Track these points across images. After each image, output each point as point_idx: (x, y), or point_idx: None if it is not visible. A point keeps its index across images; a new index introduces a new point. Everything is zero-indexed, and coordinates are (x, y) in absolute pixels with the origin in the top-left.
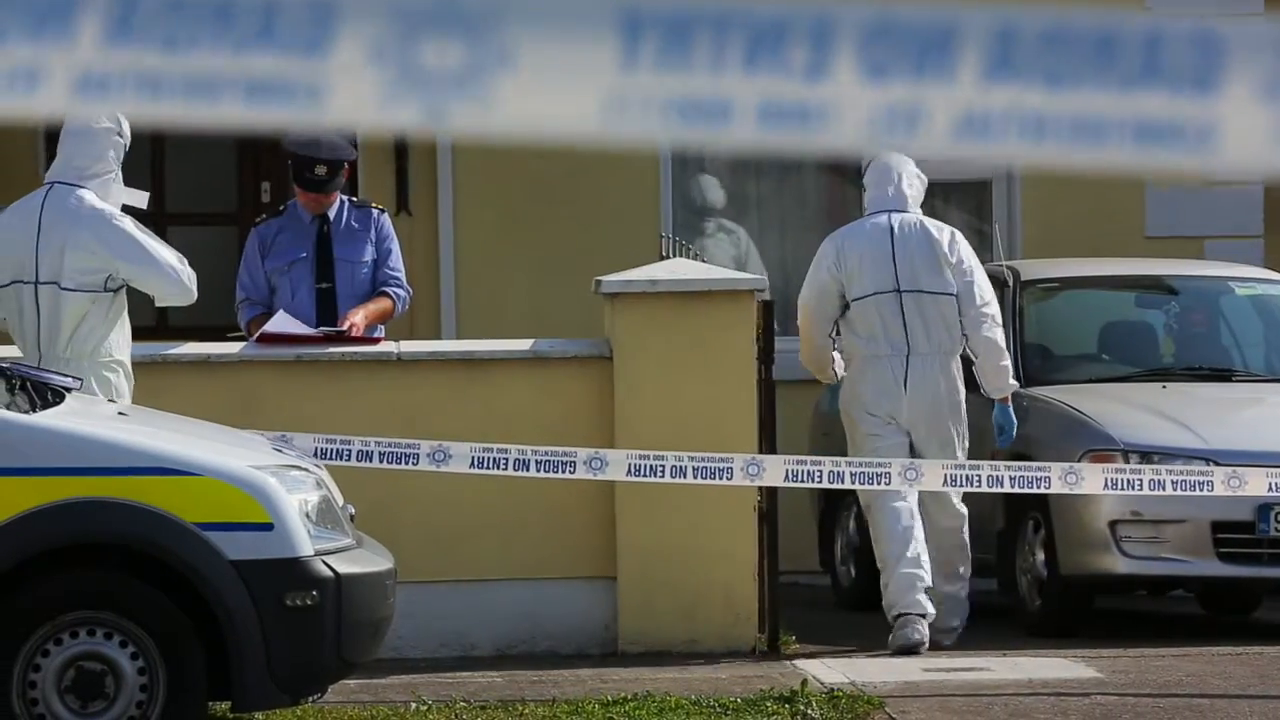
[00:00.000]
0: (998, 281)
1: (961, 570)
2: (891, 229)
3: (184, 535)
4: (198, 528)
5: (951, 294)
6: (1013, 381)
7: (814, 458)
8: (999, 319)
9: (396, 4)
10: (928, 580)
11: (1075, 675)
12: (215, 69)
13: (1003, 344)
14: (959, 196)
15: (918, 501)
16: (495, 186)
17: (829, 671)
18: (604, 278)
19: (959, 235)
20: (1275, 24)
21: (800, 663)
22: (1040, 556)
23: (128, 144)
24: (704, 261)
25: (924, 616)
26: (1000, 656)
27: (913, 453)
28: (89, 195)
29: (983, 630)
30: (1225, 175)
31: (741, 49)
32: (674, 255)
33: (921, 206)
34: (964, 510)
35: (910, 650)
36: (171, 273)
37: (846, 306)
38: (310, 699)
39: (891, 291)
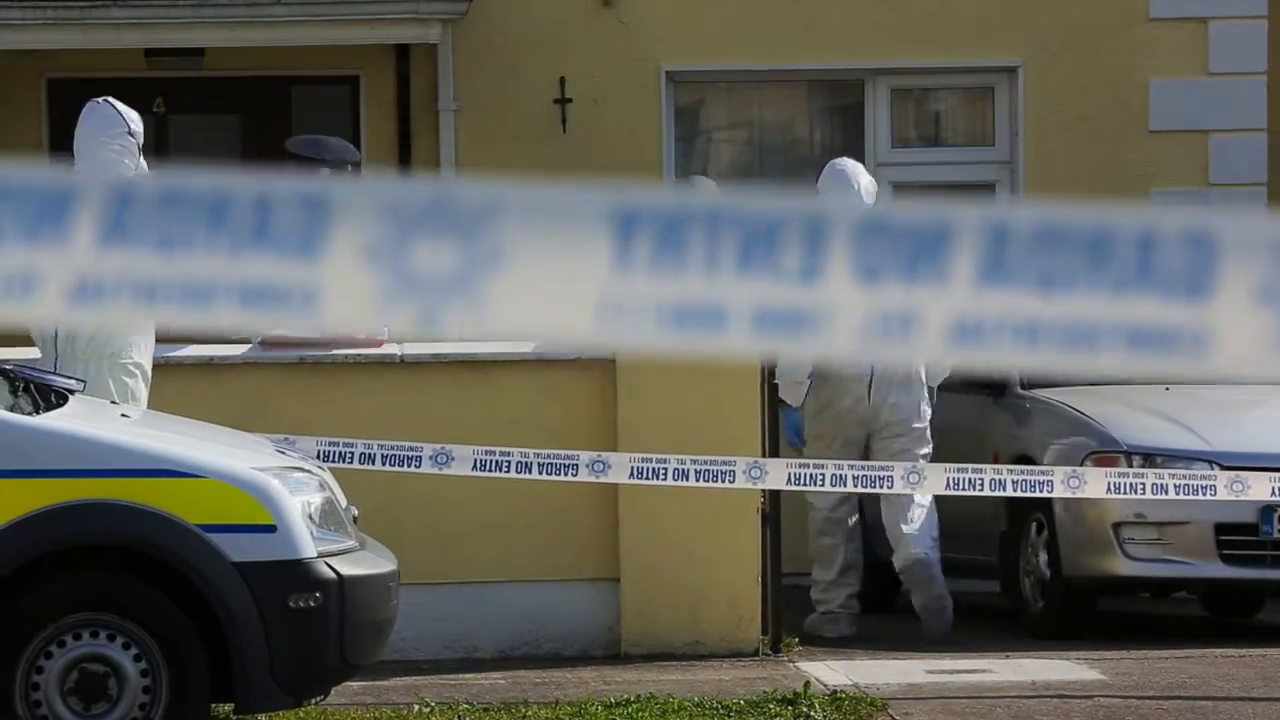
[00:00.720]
0: None
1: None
2: None
3: (187, 537)
4: (200, 529)
5: None
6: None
7: (816, 461)
8: None
9: (390, 204)
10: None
11: (1078, 677)
12: (210, 272)
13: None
14: (963, 199)
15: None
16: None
17: (832, 673)
18: None
19: None
20: (1272, 222)
21: (803, 664)
22: (1043, 558)
23: (139, 138)
24: None
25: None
26: (1003, 658)
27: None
28: None
29: (986, 632)
30: (1221, 380)
31: (735, 249)
32: None
33: None
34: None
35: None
36: None
37: None
38: (313, 701)
39: None
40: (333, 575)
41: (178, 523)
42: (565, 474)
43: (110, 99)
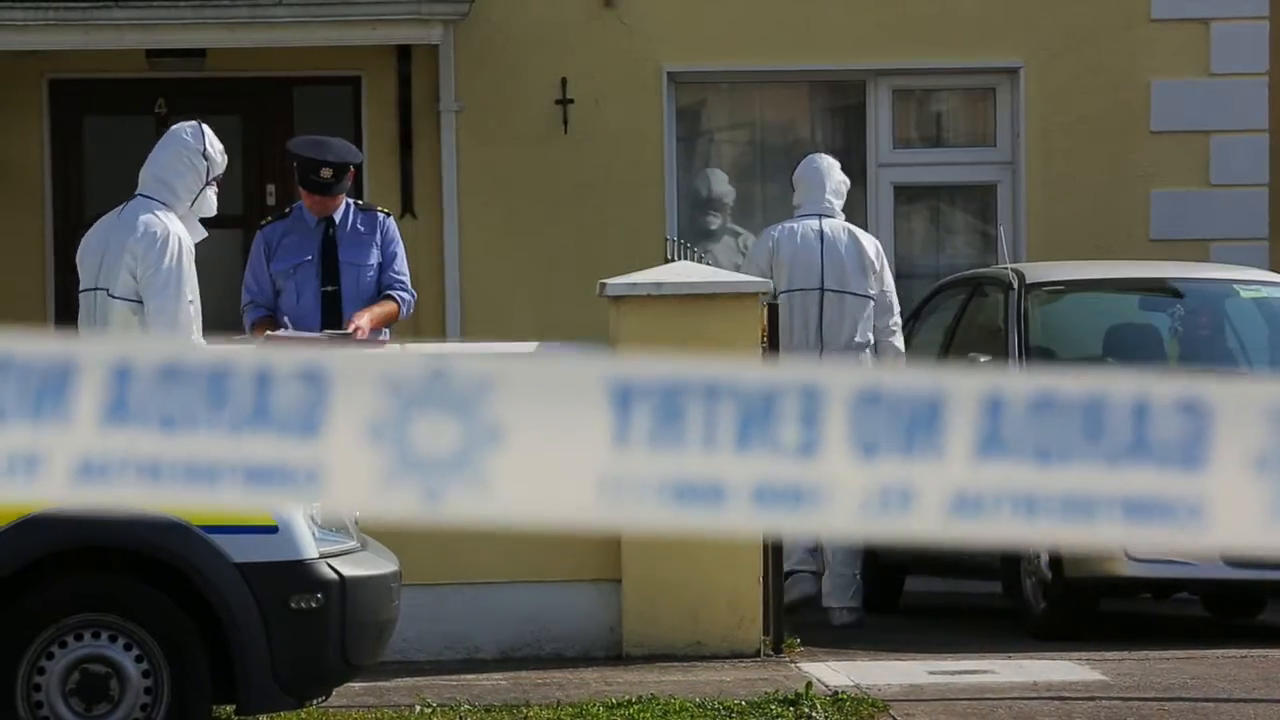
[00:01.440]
0: (1003, 284)
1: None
2: (822, 233)
3: (188, 538)
4: (202, 530)
5: (870, 297)
6: None
7: None
8: (901, 327)
9: (390, 382)
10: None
11: (1080, 678)
12: (214, 452)
13: (903, 350)
14: (964, 199)
15: None
16: (500, 189)
17: (833, 674)
18: (608, 280)
19: (881, 247)
20: (1266, 389)
21: (805, 665)
22: (1045, 559)
23: (214, 164)
24: (709, 264)
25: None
26: (1005, 659)
27: None
28: (159, 213)
29: (987, 633)
30: (1214, 554)
31: (733, 423)
32: (679, 258)
33: (928, 210)
34: None
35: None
36: (169, 322)
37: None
38: (314, 702)
39: (815, 289)
40: (334, 576)
41: (179, 523)
42: None
43: (206, 126)
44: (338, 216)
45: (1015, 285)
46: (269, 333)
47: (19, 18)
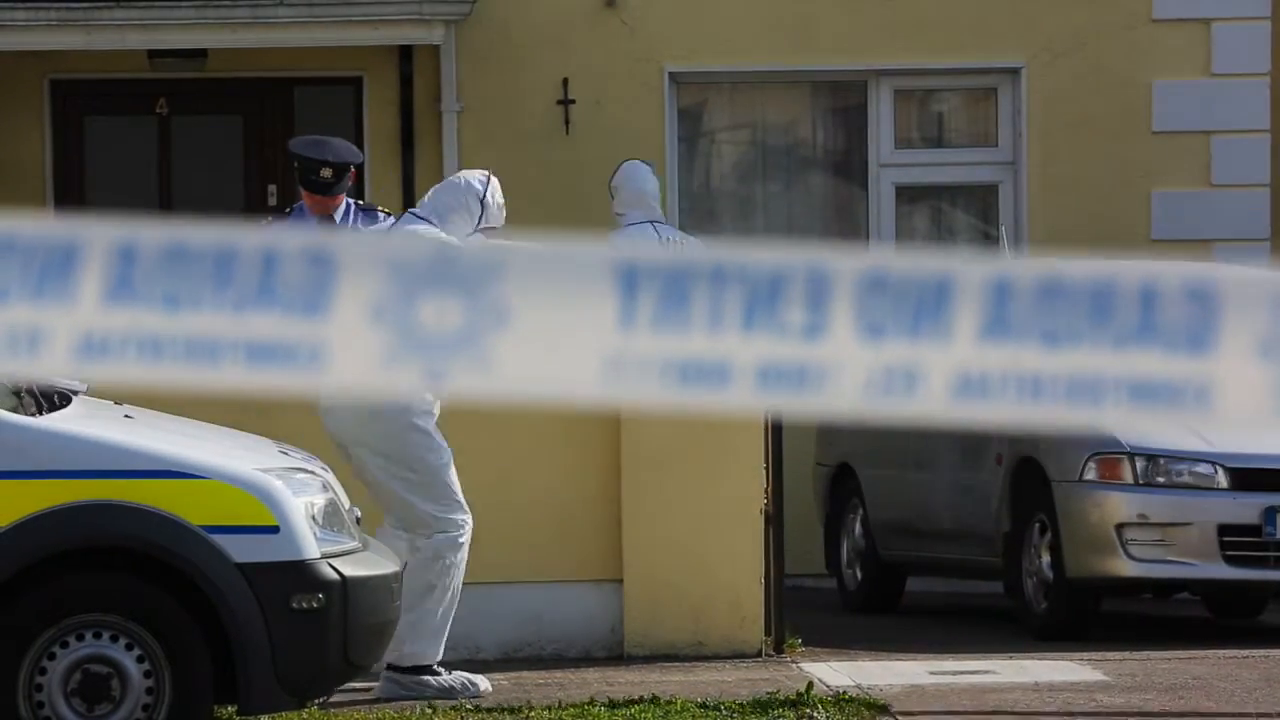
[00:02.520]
0: None
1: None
2: (660, 239)
3: (189, 538)
4: (203, 530)
5: None
6: None
7: None
8: None
9: (395, 262)
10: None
11: (1081, 678)
12: (216, 330)
13: None
14: (965, 200)
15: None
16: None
17: (835, 675)
18: None
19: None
20: (1272, 276)
21: (806, 666)
22: (1046, 559)
23: (490, 214)
24: None
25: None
26: (1006, 659)
27: None
28: (421, 229)
29: (988, 633)
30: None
31: (739, 305)
32: None
33: (930, 210)
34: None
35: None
36: None
37: None
38: (316, 702)
39: None
40: (335, 576)
41: (180, 524)
42: None
43: (487, 178)
44: (338, 216)
45: None
46: None
47: (21, 18)
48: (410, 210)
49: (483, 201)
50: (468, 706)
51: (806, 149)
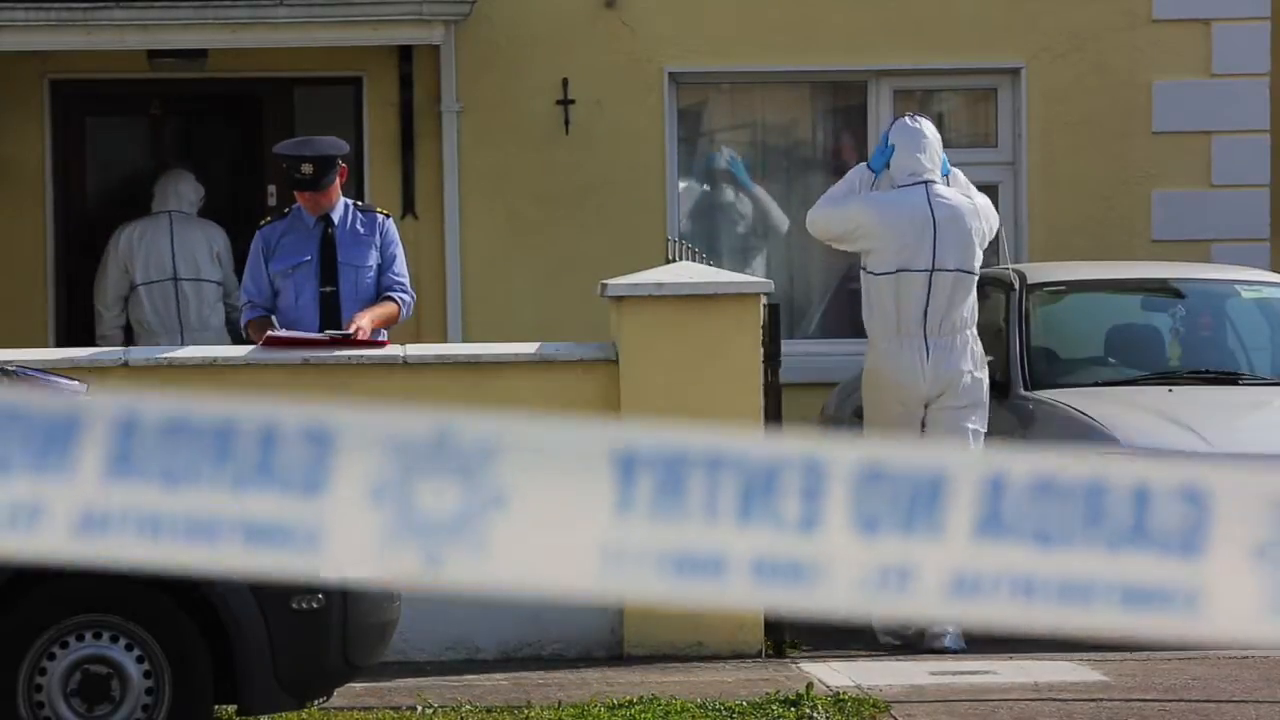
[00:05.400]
0: (1004, 285)
1: None
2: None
3: None
4: None
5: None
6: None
7: None
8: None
9: (394, 441)
10: None
11: (1081, 679)
12: (215, 508)
13: None
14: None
15: None
16: (501, 190)
17: (835, 675)
18: (609, 281)
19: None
20: (1265, 477)
21: (806, 666)
22: None
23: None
24: (710, 264)
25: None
26: (1006, 660)
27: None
28: None
29: (988, 633)
30: (1213, 644)
31: (735, 494)
32: (680, 258)
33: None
34: None
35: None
36: None
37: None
38: (316, 703)
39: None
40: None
41: None
42: None
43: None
44: (336, 217)
45: (1016, 286)
46: (270, 332)
47: (20, 18)
48: None
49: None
50: (467, 707)
51: (806, 149)
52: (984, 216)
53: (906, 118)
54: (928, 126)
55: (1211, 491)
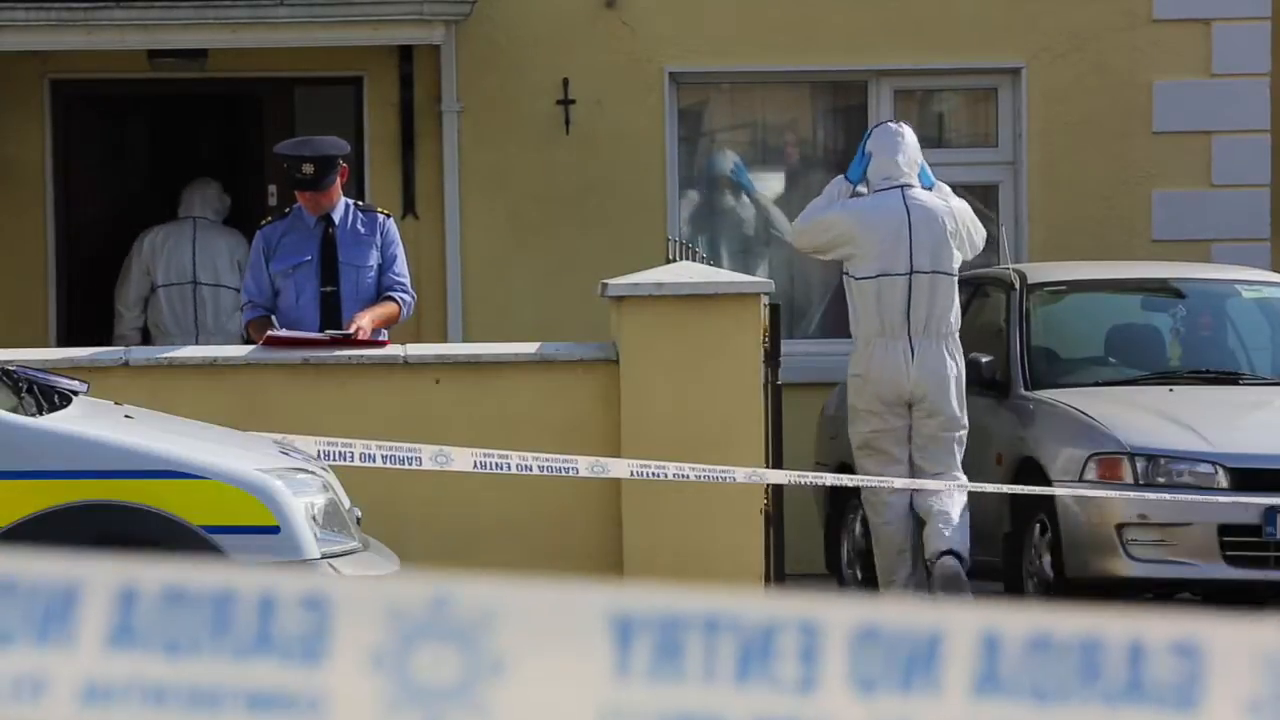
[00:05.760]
0: (1004, 284)
1: None
2: (907, 207)
3: (190, 538)
4: (204, 530)
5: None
6: None
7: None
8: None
9: (392, 608)
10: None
11: None
12: (217, 677)
13: None
14: (966, 199)
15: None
16: (501, 190)
17: None
18: (610, 281)
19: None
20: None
21: None
22: (1046, 559)
23: None
24: (710, 264)
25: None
26: None
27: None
28: None
29: None
30: None
31: (732, 656)
32: (680, 258)
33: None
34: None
35: (956, 583)
36: None
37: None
38: None
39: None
40: (336, 576)
41: (180, 524)
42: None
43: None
44: (337, 217)
45: (1017, 285)
46: (270, 332)
47: (20, 18)
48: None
49: None
50: None
51: (806, 149)
52: (960, 219)
53: (889, 123)
54: (908, 132)
55: (1206, 646)
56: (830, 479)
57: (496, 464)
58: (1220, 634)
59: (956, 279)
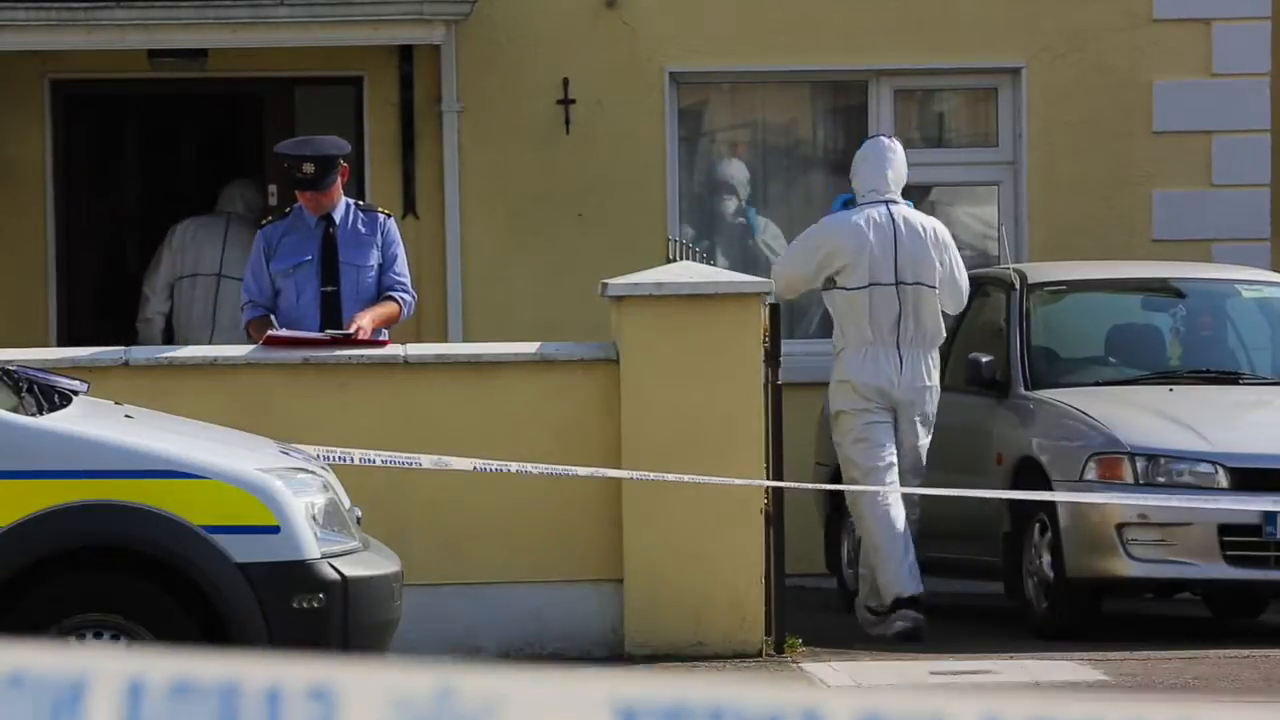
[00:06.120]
0: (1004, 284)
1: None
2: (894, 221)
3: (190, 538)
4: (204, 530)
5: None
6: None
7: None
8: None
9: (397, 699)
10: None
11: (1082, 678)
12: None
13: None
14: (966, 200)
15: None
16: (502, 190)
17: (835, 675)
18: (610, 280)
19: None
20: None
21: (807, 666)
22: (1047, 559)
23: None
24: (711, 264)
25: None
26: (1007, 659)
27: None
28: None
29: (989, 633)
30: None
31: None
32: (680, 258)
33: (930, 210)
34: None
35: (914, 635)
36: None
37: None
38: None
39: (891, 284)
40: (336, 576)
41: (180, 524)
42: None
43: None
44: (338, 216)
45: (1017, 285)
46: (271, 332)
47: (21, 18)
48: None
49: None
50: None
51: (806, 149)
52: (941, 238)
53: (881, 137)
54: (899, 148)
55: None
56: (814, 487)
57: (497, 469)
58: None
59: (938, 292)
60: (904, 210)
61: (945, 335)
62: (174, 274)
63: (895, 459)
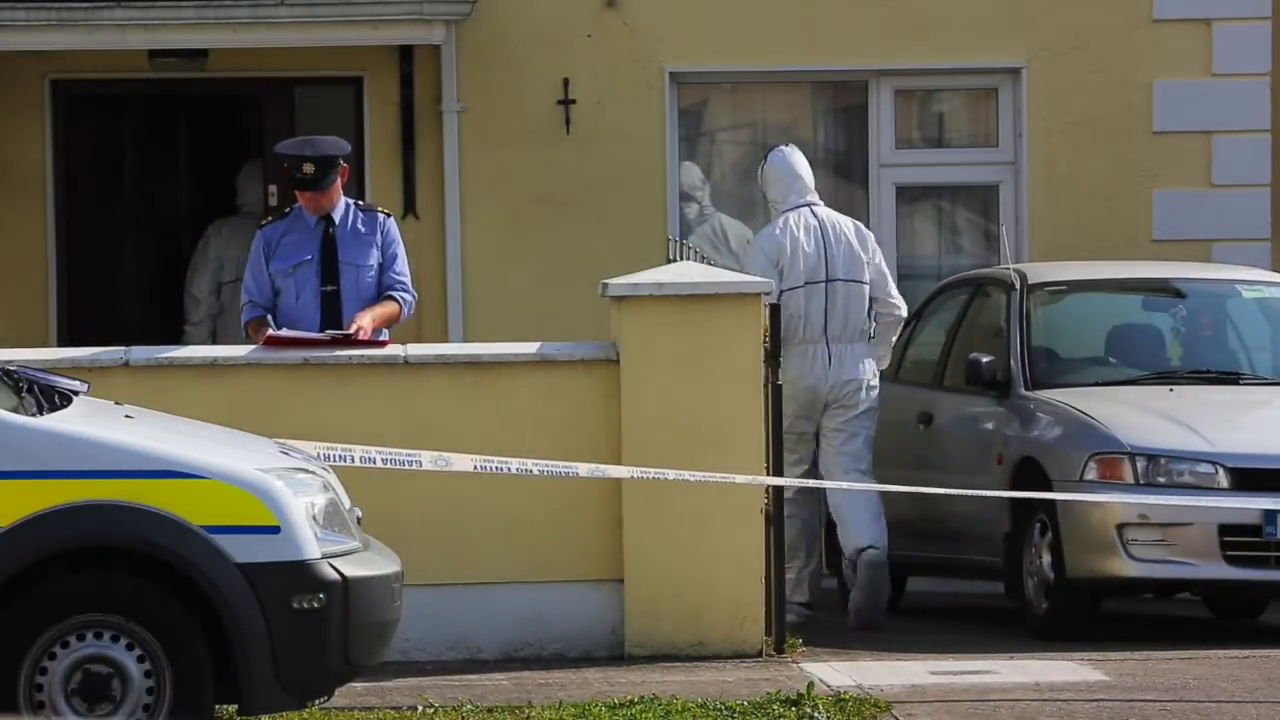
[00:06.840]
0: (1005, 284)
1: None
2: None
3: (190, 538)
4: (204, 530)
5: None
6: None
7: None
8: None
9: None
10: None
11: (1082, 678)
12: None
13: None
14: (966, 200)
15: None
16: (502, 190)
17: (835, 675)
18: (610, 281)
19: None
20: None
21: (807, 666)
22: (1047, 559)
23: None
24: (710, 265)
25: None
26: (1007, 659)
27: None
28: None
29: (989, 633)
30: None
31: None
32: (680, 258)
33: (930, 210)
34: None
35: (879, 569)
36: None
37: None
38: (317, 702)
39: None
40: (336, 576)
41: (181, 524)
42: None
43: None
44: (338, 216)
45: (1017, 285)
46: (271, 332)
47: (21, 18)
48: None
49: None
50: (468, 706)
51: (807, 149)
52: (864, 234)
53: (782, 147)
54: (801, 155)
55: None
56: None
57: (497, 467)
58: None
59: (866, 287)
60: (825, 211)
61: (871, 328)
62: (217, 278)
63: (805, 469)
